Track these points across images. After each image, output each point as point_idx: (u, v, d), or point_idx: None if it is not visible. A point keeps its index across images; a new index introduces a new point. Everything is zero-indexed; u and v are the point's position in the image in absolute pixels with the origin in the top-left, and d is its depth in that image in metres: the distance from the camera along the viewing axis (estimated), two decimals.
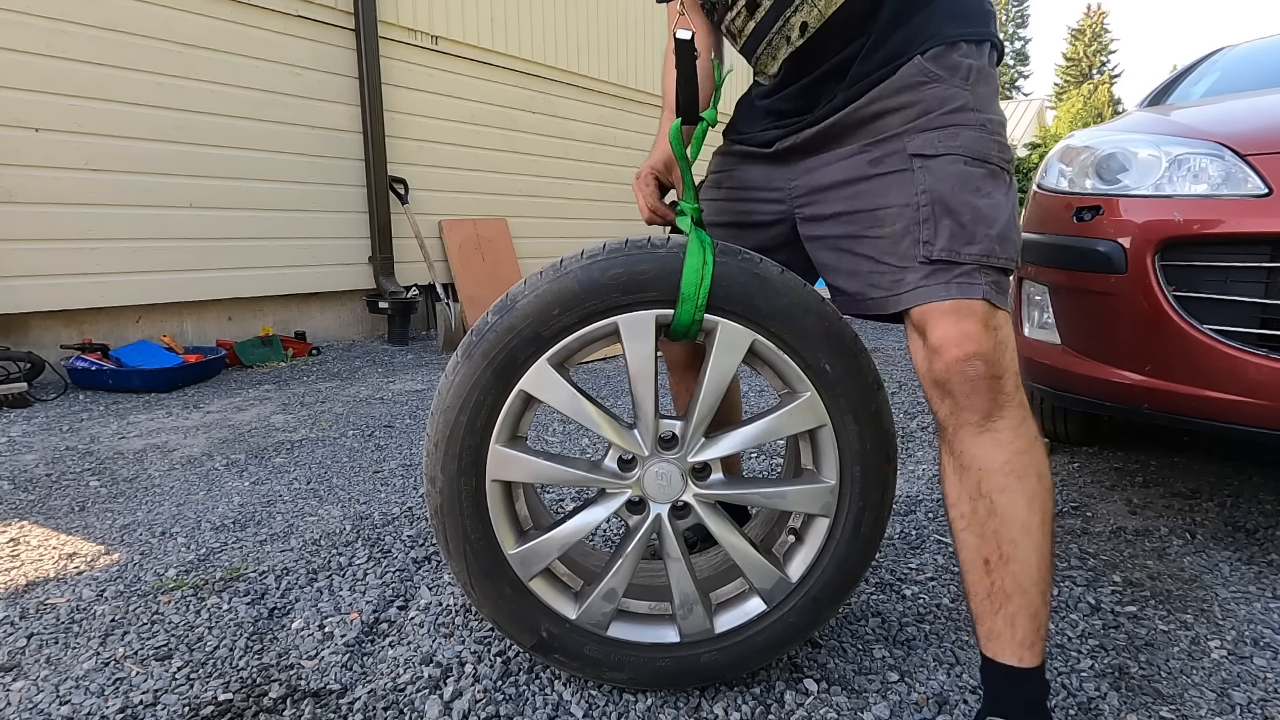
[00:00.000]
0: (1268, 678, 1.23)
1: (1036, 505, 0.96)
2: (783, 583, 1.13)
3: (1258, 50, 2.87)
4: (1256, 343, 1.54)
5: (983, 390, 0.95)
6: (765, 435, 1.10)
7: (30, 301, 3.69)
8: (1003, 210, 0.98)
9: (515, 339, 1.05)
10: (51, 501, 2.09)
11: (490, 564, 1.11)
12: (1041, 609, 0.97)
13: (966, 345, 0.94)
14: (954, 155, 0.97)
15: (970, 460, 0.98)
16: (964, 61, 0.98)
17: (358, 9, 4.97)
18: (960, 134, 0.97)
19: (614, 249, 1.06)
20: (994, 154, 0.98)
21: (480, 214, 6.06)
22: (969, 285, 0.96)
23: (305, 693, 1.19)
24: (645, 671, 1.14)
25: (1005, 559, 0.96)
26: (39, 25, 3.66)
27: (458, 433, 1.07)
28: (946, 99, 0.98)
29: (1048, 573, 0.97)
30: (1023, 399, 0.98)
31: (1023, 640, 0.97)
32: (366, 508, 2.03)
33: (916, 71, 0.99)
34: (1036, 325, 2.03)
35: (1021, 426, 0.97)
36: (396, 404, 3.31)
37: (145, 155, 4.07)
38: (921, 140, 0.98)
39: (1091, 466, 2.30)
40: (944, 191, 0.96)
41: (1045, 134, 22.39)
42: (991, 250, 0.96)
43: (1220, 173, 1.62)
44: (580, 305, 1.04)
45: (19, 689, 1.20)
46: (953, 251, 0.96)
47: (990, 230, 0.96)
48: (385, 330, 5.25)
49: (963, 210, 0.96)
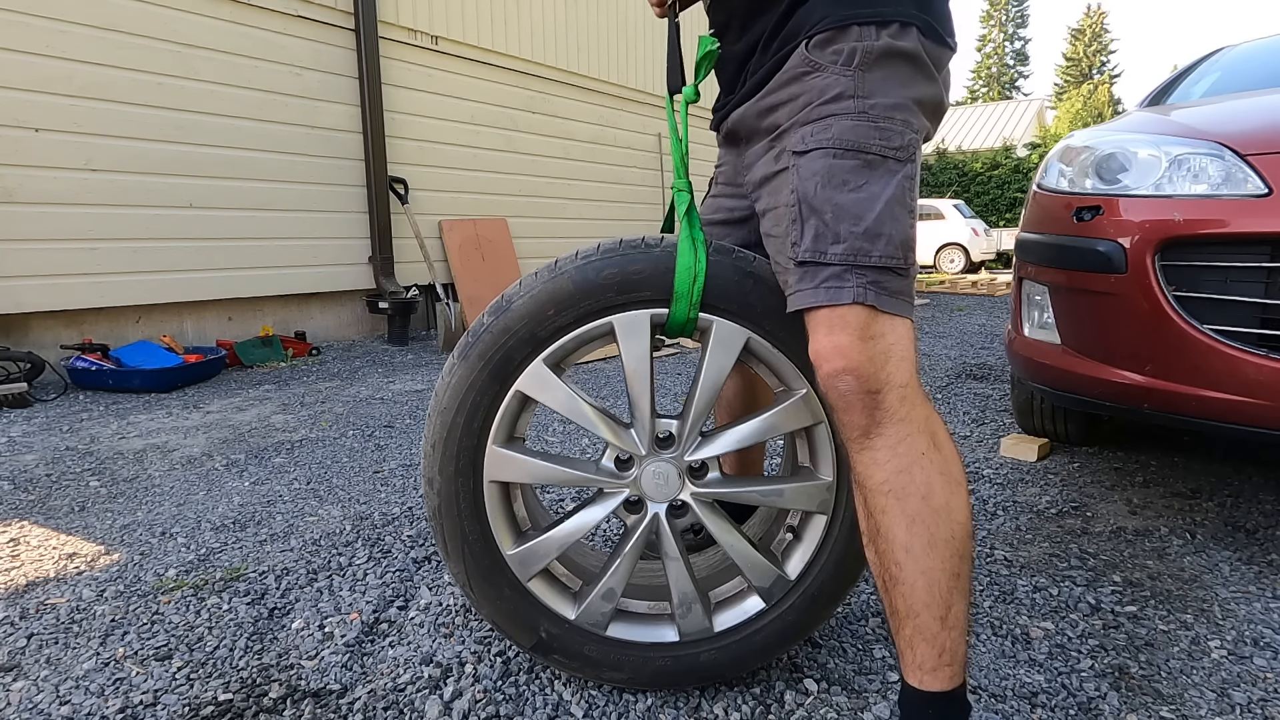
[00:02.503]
0: (1268, 678, 1.23)
1: (919, 528, 0.91)
2: (781, 580, 1.13)
3: (1258, 50, 2.87)
4: (1256, 343, 1.54)
5: (856, 407, 0.91)
6: (761, 433, 1.10)
7: (30, 301, 3.70)
8: (875, 203, 0.90)
9: (511, 340, 1.05)
10: (51, 501, 2.09)
11: (489, 565, 1.11)
12: (941, 633, 0.92)
13: (837, 361, 0.90)
14: (822, 149, 0.91)
15: (858, 477, 0.95)
16: (850, 46, 0.91)
17: (358, 9, 4.97)
18: (834, 125, 0.91)
19: (608, 249, 1.06)
20: (873, 142, 0.91)
21: (480, 214, 6.06)
22: (837, 289, 0.90)
23: (305, 693, 1.19)
24: (645, 671, 1.14)
25: (894, 580, 0.93)
26: (39, 25, 3.66)
27: (455, 434, 1.07)
28: (824, 89, 0.92)
29: (943, 597, 0.91)
30: (909, 414, 0.92)
31: (922, 664, 0.93)
32: (366, 508, 2.03)
33: (800, 61, 0.94)
34: (1036, 325, 2.03)
35: (903, 444, 0.91)
36: (396, 404, 3.31)
37: (145, 155, 4.07)
38: (798, 136, 0.94)
39: (1091, 466, 2.30)
40: (809, 190, 0.92)
41: (1045, 134, 22.40)
42: (859, 249, 0.90)
43: (1220, 173, 1.62)
44: (575, 305, 1.04)
45: (19, 689, 1.20)
46: (817, 252, 0.91)
47: (855, 227, 0.90)
48: (385, 330, 5.26)
49: (825, 208, 0.91)
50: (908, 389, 0.92)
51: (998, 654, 1.29)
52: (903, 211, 0.92)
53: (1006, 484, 2.15)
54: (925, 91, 0.95)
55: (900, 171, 0.93)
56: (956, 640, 0.93)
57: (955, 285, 9.55)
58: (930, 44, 0.95)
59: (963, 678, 0.95)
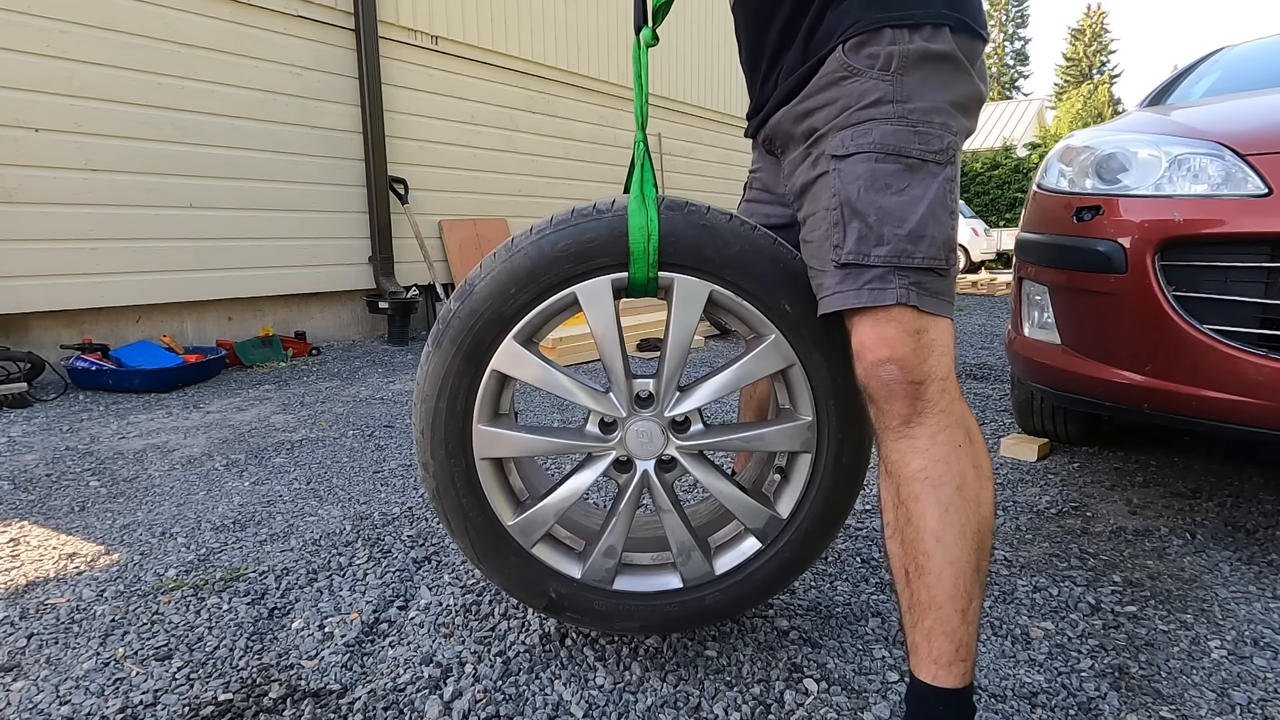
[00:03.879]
0: (1268, 678, 1.23)
1: (951, 517, 0.92)
2: (774, 520, 1.16)
3: (1258, 50, 2.86)
4: (1256, 343, 1.54)
5: (899, 396, 0.93)
6: (737, 381, 1.12)
7: (30, 301, 3.70)
8: (917, 206, 0.92)
9: (479, 322, 1.08)
10: (51, 501, 2.09)
11: (492, 537, 1.15)
12: (960, 627, 0.93)
13: (881, 350, 0.93)
14: (864, 153, 0.93)
15: (891, 466, 0.97)
16: (886, 50, 0.93)
17: (358, 9, 4.97)
18: (874, 129, 0.93)
19: (560, 220, 1.08)
20: (913, 147, 0.93)
21: (480, 214, 6.06)
22: (881, 290, 0.92)
23: (305, 693, 1.19)
24: (654, 618, 1.19)
25: (920, 570, 0.94)
26: (39, 25, 3.66)
27: (440, 419, 1.11)
28: (863, 93, 0.93)
29: (967, 590, 0.92)
30: (949, 406, 0.94)
31: (938, 658, 0.93)
32: (366, 508, 2.03)
33: (837, 66, 0.95)
34: (1036, 325, 2.03)
35: (942, 434, 0.93)
36: (396, 404, 3.31)
37: (145, 155, 4.07)
38: (838, 140, 0.95)
39: (1091, 466, 2.30)
40: (851, 193, 0.93)
41: (1045, 134, 22.41)
42: (902, 251, 0.92)
43: (1220, 173, 1.62)
44: (535, 281, 1.07)
45: (19, 689, 1.20)
46: (861, 254, 0.93)
47: (899, 230, 0.92)
48: (385, 330, 5.26)
49: (868, 211, 0.92)
50: (947, 382, 0.95)
51: (998, 654, 1.29)
52: (944, 213, 0.95)
53: (1006, 484, 2.15)
54: (963, 91, 0.97)
55: (941, 174, 0.95)
56: (972, 636, 0.94)
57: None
58: (964, 39, 0.96)
59: (972, 677, 0.95)
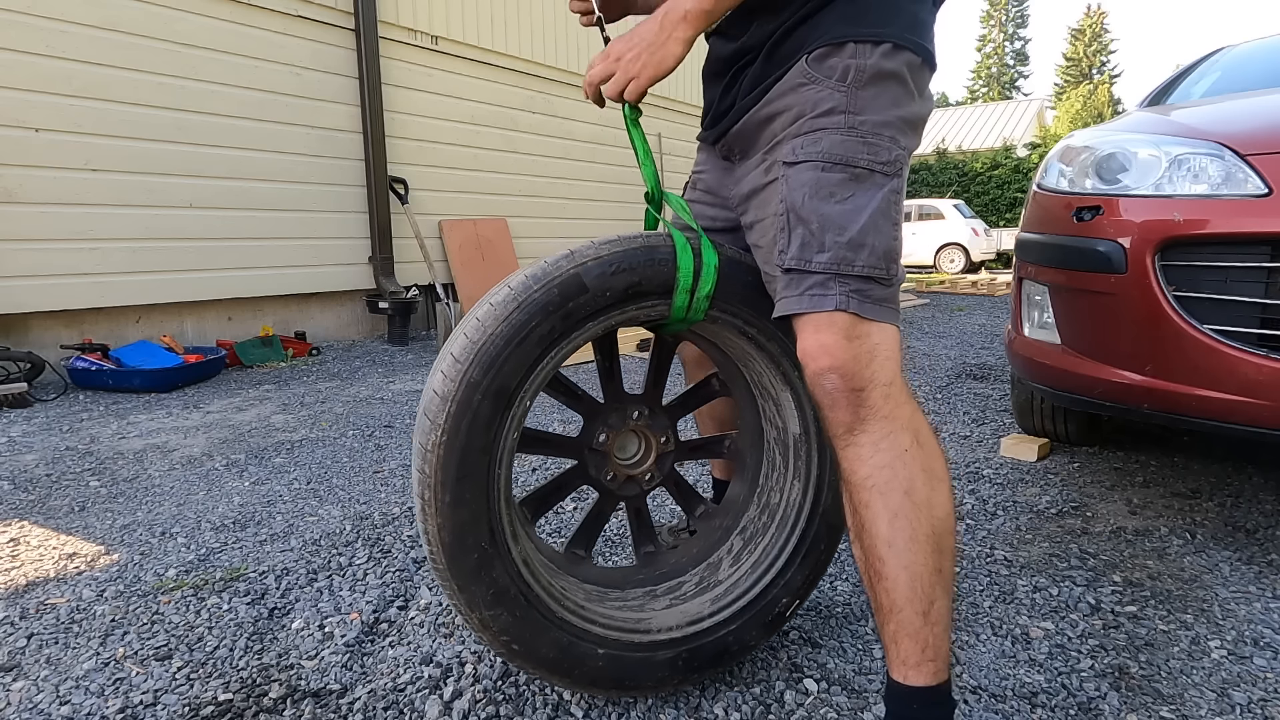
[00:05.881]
0: (1268, 678, 1.23)
1: (901, 522, 0.93)
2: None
3: (1258, 50, 2.86)
4: (1256, 343, 1.54)
5: (842, 404, 0.94)
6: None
7: (30, 301, 3.70)
8: (859, 215, 0.93)
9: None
10: (51, 501, 2.09)
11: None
12: (923, 629, 0.93)
13: (822, 359, 0.93)
14: (811, 162, 0.94)
15: (844, 473, 0.98)
16: (845, 63, 0.94)
17: (358, 9, 4.97)
18: (824, 139, 0.94)
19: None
20: (861, 156, 0.94)
21: (480, 214, 6.06)
22: (821, 297, 0.94)
23: (305, 693, 1.19)
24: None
25: (879, 575, 0.95)
26: (39, 25, 3.66)
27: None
28: (818, 102, 0.95)
29: (926, 592, 0.93)
30: (893, 412, 0.94)
31: (905, 659, 0.94)
32: (366, 508, 2.03)
33: (799, 74, 0.96)
34: (1036, 325, 2.03)
35: (885, 440, 0.93)
36: (396, 404, 3.31)
37: (145, 155, 4.07)
38: (789, 147, 0.96)
39: (1091, 466, 2.30)
40: (797, 200, 0.95)
41: (1045, 134, 22.42)
42: (842, 258, 0.93)
43: (1220, 173, 1.62)
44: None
45: (19, 689, 1.20)
46: (803, 260, 0.94)
47: (840, 237, 0.93)
48: (385, 330, 5.25)
49: (811, 218, 0.94)
50: (892, 387, 0.95)
51: (998, 654, 1.29)
52: (887, 224, 0.96)
53: (1006, 484, 2.15)
54: (913, 110, 0.99)
55: (886, 185, 0.96)
56: (940, 636, 0.94)
57: (955, 285, 9.54)
58: (918, 67, 0.99)
59: (947, 674, 0.96)
